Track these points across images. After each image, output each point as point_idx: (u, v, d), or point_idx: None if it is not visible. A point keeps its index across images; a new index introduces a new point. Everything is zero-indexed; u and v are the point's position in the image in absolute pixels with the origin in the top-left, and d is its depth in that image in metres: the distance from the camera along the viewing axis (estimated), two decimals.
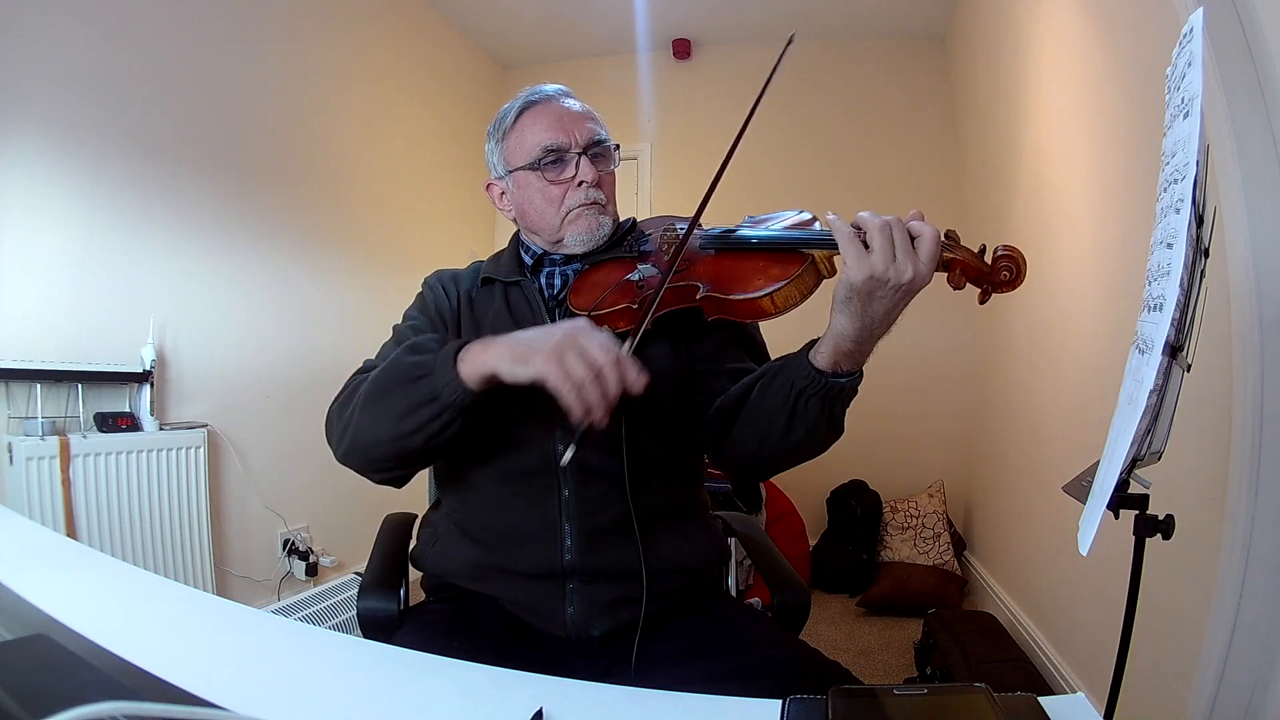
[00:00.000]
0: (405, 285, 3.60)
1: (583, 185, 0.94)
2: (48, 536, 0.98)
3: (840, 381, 0.76)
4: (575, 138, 0.94)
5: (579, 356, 0.68)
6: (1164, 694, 1.22)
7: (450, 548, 0.93)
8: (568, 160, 0.94)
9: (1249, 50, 1.01)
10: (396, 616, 0.90)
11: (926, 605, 2.54)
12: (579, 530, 0.87)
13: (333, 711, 0.52)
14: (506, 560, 0.88)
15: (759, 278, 0.81)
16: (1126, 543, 0.76)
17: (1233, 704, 1.01)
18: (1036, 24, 2.11)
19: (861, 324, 0.72)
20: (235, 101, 2.29)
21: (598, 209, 0.95)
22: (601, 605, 0.87)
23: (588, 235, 0.95)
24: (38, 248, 1.75)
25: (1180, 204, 0.43)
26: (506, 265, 1.01)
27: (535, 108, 0.98)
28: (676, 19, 3.45)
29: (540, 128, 0.95)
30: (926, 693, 0.48)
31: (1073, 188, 1.85)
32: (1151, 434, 0.58)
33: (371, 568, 0.98)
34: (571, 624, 0.86)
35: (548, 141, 0.94)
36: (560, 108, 0.98)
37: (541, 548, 0.87)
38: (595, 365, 0.68)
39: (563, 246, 0.97)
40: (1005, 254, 0.74)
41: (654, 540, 0.89)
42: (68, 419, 1.80)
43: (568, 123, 0.95)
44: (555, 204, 0.95)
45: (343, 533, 2.65)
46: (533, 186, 0.96)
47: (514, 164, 0.97)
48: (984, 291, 0.76)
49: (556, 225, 0.95)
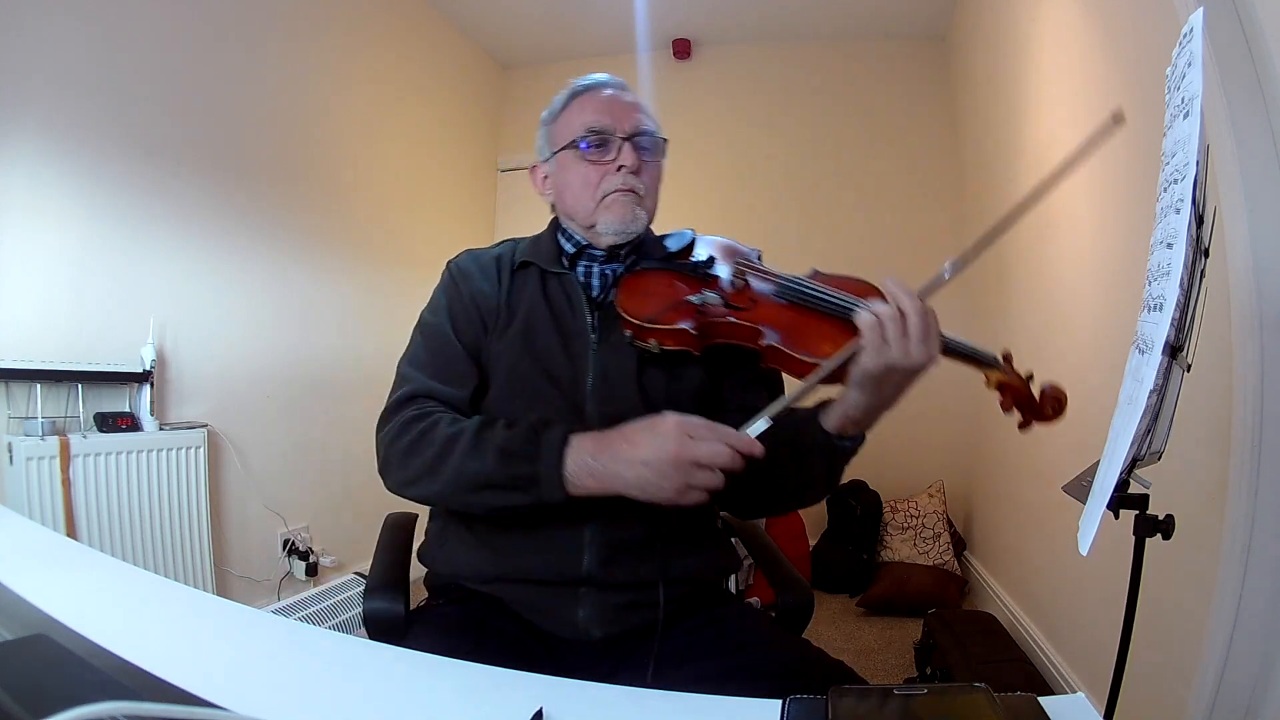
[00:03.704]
0: (405, 285, 3.62)
1: (621, 170, 0.92)
2: (48, 536, 0.98)
3: (846, 445, 0.80)
4: (621, 123, 0.93)
5: (703, 483, 0.72)
6: (1164, 694, 1.22)
7: (460, 549, 0.92)
8: (610, 144, 0.93)
9: (1249, 50, 1.01)
10: (405, 618, 0.88)
11: (926, 605, 2.54)
12: (601, 543, 0.86)
13: (332, 711, 0.52)
14: (520, 567, 0.87)
15: (828, 343, 0.80)
16: (1126, 543, 0.76)
17: (1233, 704, 1.01)
18: (1036, 24, 2.11)
19: (874, 401, 0.76)
20: (235, 102, 2.29)
21: (634, 198, 0.93)
22: (613, 610, 0.86)
23: (620, 224, 0.92)
24: (38, 248, 1.75)
25: (1180, 204, 0.43)
26: (546, 252, 0.97)
27: (587, 93, 0.97)
28: (676, 19, 3.45)
29: (588, 110, 0.95)
30: (926, 693, 0.48)
31: (1073, 188, 1.85)
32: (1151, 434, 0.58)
33: (377, 569, 0.97)
34: (582, 626, 0.86)
35: (592, 123, 0.93)
36: (611, 94, 0.97)
37: (559, 556, 0.86)
38: (716, 486, 0.72)
39: (596, 234, 0.94)
40: (1054, 395, 0.85)
41: (671, 554, 0.89)
42: (68, 419, 1.80)
43: (615, 108, 0.95)
44: (592, 186, 0.93)
45: (343, 533, 2.65)
46: (572, 167, 0.94)
47: (557, 145, 0.96)
48: (1026, 420, 0.85)
49: (591, 209, 0.93)
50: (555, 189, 0.99)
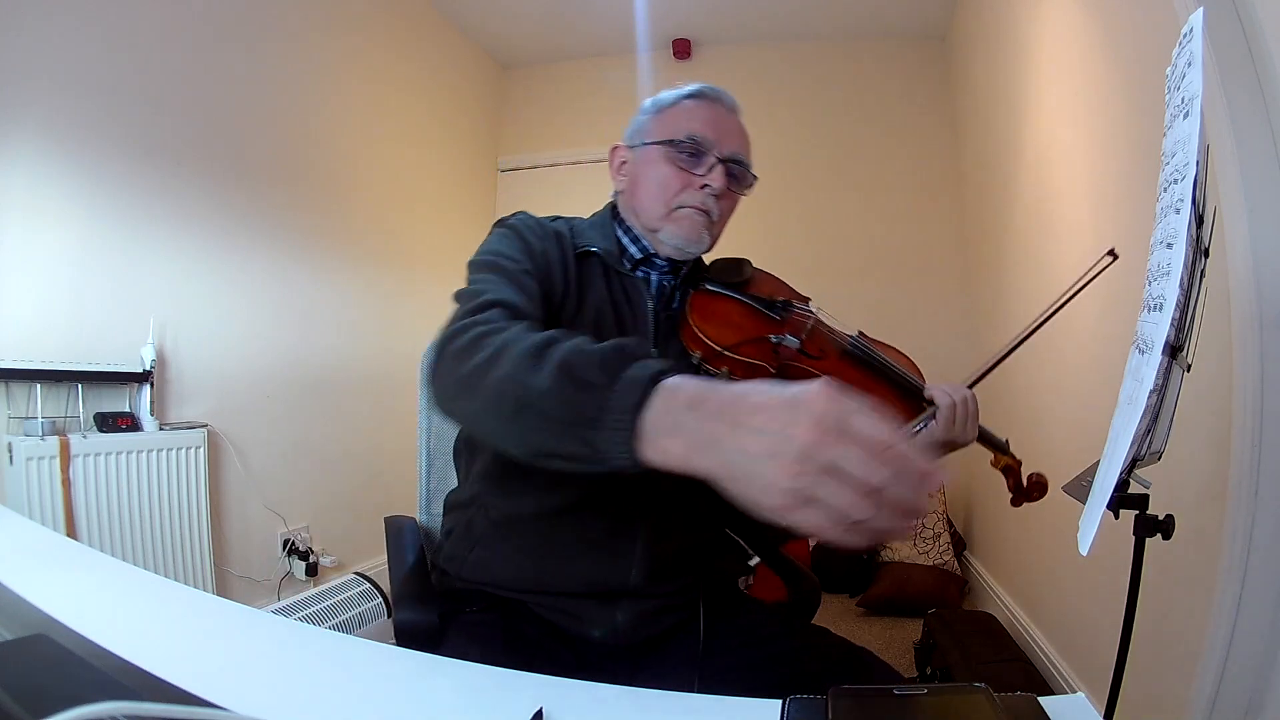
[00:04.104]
0: (405, 285, 3.62)
1: (705, 189, 0.90)
2: (48, 536, 0.98)
3: None
4: (723, 143, 0.91)
5: (836, 504, 0.43)
6: (1164, 694, 1.22)
7: (491, 555, 0.86)
8: (704, 159, 0.90)
9: (1249, 50, 1.01)
10: (438, 627, 0.83)
11: (926, 605, 2.54)
12: (651, 555, 0.84)
13: (332, 711, 0.52)
14: (565, 579, 0.83)
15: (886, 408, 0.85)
16: (1126, 543, 0.76)
17: (1233, 704, 1.01)
18: (1036, 24, 2.11)
19: None
20: (235, 102, 2.29)
21: (706, 220, 0.91)
22: (650, 615, 0.86)
23: (684, 240, 0.90)
24: (38, 248, 1.75)
25: (1180, 204, 0.43)
26: (607, 244, 0.92)
27: (704, 101, 0.94)
28: (676, 19, 3.45)
29: (700, 118, 0.92)
30: (926, 693, 0.48)
31: (1073, 188, 1.85)
32: (1151, 434, 0.58)
33: (400, 576, 0.92)
34: (620, 632, 0.84)
35: (696, 131, 0.90)
36: (724, 114, 0.94)
37: (609, 569, 0.83)
38: (851, 516, 0.43)
39: (657, 240, 0.92)
40: (1038, 481, 1.02)
41: (705, 563, 0.90)
42: (68, 419, 1.80)
43: (723, 128, 0.92)
44: (669, 192, 0.90)
45: (343, 533, 2.65)
46: (657, 165, 0.91)
47: (651, 138, 0.93)
48: (1017, 498, 1.02)
49: (660, 214, 0.90)
50: (631, 178, 0.95)
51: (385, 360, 2.88)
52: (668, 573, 0.85)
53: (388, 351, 2.90)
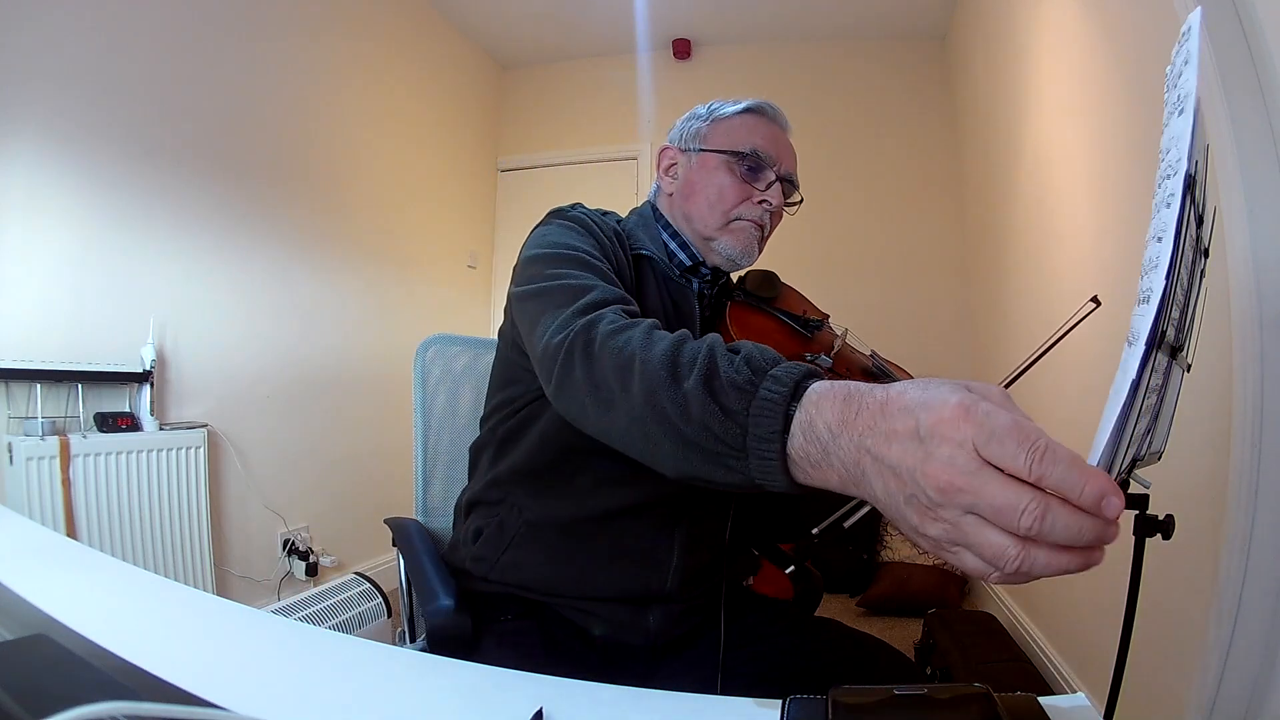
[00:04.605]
0: (405, 285, 3.62)
1: (763, 204, 0.91)
2: (48, 536, 0.98)
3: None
4: (784, 162, 0.93)
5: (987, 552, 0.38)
6: (1164, 694, 1.22)
7: (526, 560, 0.84)
8: (765, 174, 0.92)
9: (1249, 50, 1.01)
10: (473, 632, 0.81)
11: (926, 605, 2.54)
12: (686, 565, 0.85)
13: (332, 711, 0.52)
14: (604, 585, 0.83)
15: None
16: (1126, 543, 0.76)
17: (1233, 704, 1.01)
18: (1036, 24, 2.11)
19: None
20: (235, 101, 2.29)
21: (759, 235, 0.93)
22: (678, 616, 0.87)
23: (737, 252, 0.92)
24: (38, 248, 1.75)
25: (1171, 199, 0.43)
26: (657, 249, 0.92)
27: (765, 118, 0.95)
28: (676, 19, 3.45)
29: (760, 134, 0.93)
30: (926, 693, 0.48)
31: (1073, 188, 1.85)
32: (1151, 434, 0.58)
33: (425, 578, 0.89)
34: (650, 635, 0.85)
35: (762, 147, 0.92)
36: (780, 132, 0.96)
37: (648, 577, 0.84)
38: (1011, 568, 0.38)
39: (708, 249, 0.93)
40: None
41: (728, 567, 0.93)
42: (68, 419, 1.80)
43: (784, 148, 0.94)
44: (727, 202, 0.91)
45: (343, 533, 2.65)
46: (718, 173, 0.92)
47: (711, 145, 0.93)
48: None
49: (716, 224, 0.91)
50: (685, 182, 0.95)
51: (385, 360, 2.87)
52: (699, 579, 0.88)
53: (388, 351, 2.90)
